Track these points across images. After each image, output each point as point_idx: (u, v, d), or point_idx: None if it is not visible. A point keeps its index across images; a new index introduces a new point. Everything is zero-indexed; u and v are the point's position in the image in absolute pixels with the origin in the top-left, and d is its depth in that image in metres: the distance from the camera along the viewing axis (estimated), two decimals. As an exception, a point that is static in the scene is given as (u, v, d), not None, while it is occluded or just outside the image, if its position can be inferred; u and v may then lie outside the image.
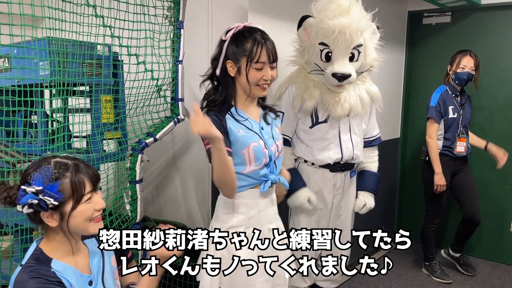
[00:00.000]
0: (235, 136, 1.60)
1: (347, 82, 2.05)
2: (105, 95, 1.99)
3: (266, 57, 1.59)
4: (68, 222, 1.18)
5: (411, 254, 3.80)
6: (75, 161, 1.22)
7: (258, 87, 1.62)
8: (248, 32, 1.61)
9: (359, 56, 2.07)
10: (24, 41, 1.65)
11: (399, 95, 3.88)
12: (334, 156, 2.17)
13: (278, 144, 1.72)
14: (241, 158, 1.61)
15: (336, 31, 1.95)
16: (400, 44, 3.79)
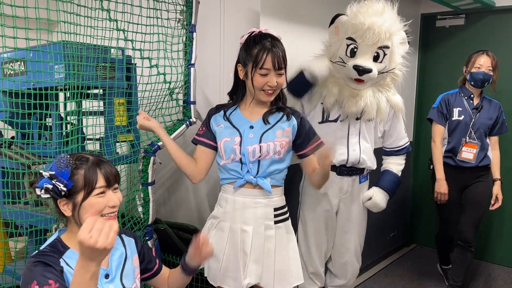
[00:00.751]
0: (214, 129, 1.80)
1: (367, 77, 2.02)
2: (118, 98, 2.01)
3: (271, 64, 1.64)
4: (79, 213, 1.22)
5: (425, 258, 3.77)
6: (98, 158, 1.27)
7: (263, 92, 1.69)
8: (259, 38, 1.67)
9: (384, 58, 2.06)
10: (39, 45, 1.68)
11: (411, 99, 3.85)
12: (339, 158, 2.15)
13: (264, 145, 1.70)
14: (218, 150, 1.78)
15: (366, 26, 1.96)
16: (413, 47, 3.74)
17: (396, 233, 3.86)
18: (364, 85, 2.08)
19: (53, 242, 1.24)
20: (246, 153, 1.70)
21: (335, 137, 2.16)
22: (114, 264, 1.32)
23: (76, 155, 1.26)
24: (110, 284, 1.28)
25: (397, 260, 3.77)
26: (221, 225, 1.78)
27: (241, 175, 1.73)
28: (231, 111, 1.79)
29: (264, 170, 1.73)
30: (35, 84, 1.76)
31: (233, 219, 1.76)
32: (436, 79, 3.80)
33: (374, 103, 2.11)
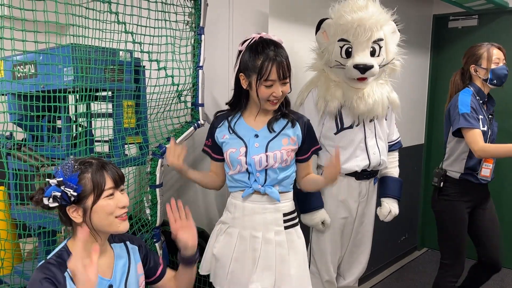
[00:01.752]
0: (220, 141, 1.77)
1: (370, 74, 2.00)
2: (127, 100, 2.01)
3: (276, 76, 1.60)
4: (90, 217, 1.22)
5: (437, 263, 3.71)
6: (102, 161, 1.27)
7: (268, 102, 1.67)
8: (262, 47, 1.61)
9: (380, 51, 2.03)
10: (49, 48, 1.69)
11: (423, 100, 3.81)
12: (361, 163, 2.12)
13: (271, 154, 1.67)
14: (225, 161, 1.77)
15: (355, 24, 1.94)
16: (425, 48, 3.72)
17: (407, 237, 3.82)
18: (367, 82, 2.06)
19: (60, 252, 1.24)
20: (252, 163, 1.68)
21: (354, 144, 2.12)
22: (118, 273, 1.31)
23: (79, 160, 1.26)
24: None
25: (408, 264, 3.72)
26: (230, 230, 1.77)
27: (248, 185, 1.71)
28: (235, 121, 1.75)
29: (272, 179, 1.71)
30: (45, 86, 1.78)
31: (242, 225, 1.74)
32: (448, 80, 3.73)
33: (380, 98, 2.09)
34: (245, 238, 1.73)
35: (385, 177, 2.33)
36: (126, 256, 1.36)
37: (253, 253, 1.72)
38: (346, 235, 2.23)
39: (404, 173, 3.60)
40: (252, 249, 1.72)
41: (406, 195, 3.71)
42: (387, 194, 2.30)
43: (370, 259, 2.43)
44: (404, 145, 3.52)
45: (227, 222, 1.79)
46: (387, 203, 2.27)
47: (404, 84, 3.47)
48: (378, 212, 2.30)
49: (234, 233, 1.75)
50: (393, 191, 2.29)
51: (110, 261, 1.31)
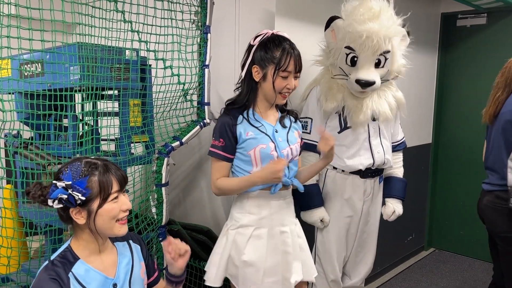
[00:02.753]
0: (243, 138, 1.69)
1: (371, 89, 2.02)
2: (133, 99, 2.01)
3: (293, 67, 1.65)
4: (94, 220, 1.21)
5: (444, 263, 3.69)
6: (105, 162, 1.26)
7: (280, 95, 1.69)
8: (278, 40, 1.66)
9: (385, 62, 2.03)
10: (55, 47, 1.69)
11: (430, 99, 3.78)
12: (365, 162, 2.12)
13: (293, 147, 1.75)
14: (248, 158, 1.70)
15: (364, 36, 1.91)
16: (433, 47, 3.69)
17: (413, 237, 3.79)
18: (368, 94, 2.07)
19: (64, 252, 1.24)
20: (283, 157, 1.69)
21: (358, 143, 2.12)
22: (122, 272, 1.31)
23: (84, 160, 1.24)
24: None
25: (415, 264, 3.70)
26: (257, 233, 1.72)
27: None
28: (253, 117, 1.72)
29: (293, 171, 1.76)
30: (51, 85, 1.78)
31: (271, 223, 1.73)
32: (457, 80, 3.71)
33: (386, 105, 2.08)
34: (274, 236, 1.73)
35: (389, 177, 2.32)
36: (130, 254, 1.35)
37: (284, 247, 1.74)
38: (352, 234, 2.22)
39: (411, 173, 3.59)
40: (282, 244, 1.74)
41: (413, 195, 3.69)
42: (391, 194, 2.30)
43: (376, 259, 2.42)
44: (411, 145, 3.51)
45: (250, 224, 1.73)
46: (391, 203, 2.27)
47: (412, 83, 3.44)
48: (382, 212, 2.30)
49: (263, 234, 1.72)
50: (397, 191, 2.29)
51: (114, 260, 1.31)
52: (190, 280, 2.38)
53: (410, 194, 3.63)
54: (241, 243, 1.72)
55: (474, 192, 3.64)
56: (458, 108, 3.73)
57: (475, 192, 3.62)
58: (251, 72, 1.70)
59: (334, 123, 2.12)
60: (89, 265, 1.24)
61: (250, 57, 1.69)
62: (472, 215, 3.65)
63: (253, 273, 1.71)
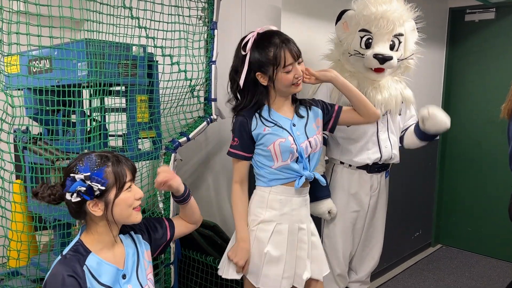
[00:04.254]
0: (262, 135, 1.68)
1: (388, 65, 2.01)
2: (140, 95, 2.03)
3: (291, 58, 1.62)
4: (112, 210, 1.24)
5: (451, 259, 3.68)
6: (115, 154, 1.29)
7: (293, 86, 1.67)
8: (266, 39, 1.63)
9: (399, 46, 2.06)
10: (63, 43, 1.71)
11: (438, 95, 3.76)
12: (373, 156, 2.12)
13: (312, 140, 1.73)
14: (268, 154, 1.69)
15: (379, 15, 1.95)
16: (440, 42, 3.66)
17: (421, 233, 3.78)
18: (384, 75, 2.07)
19: (75, 246, 1.26)
20: (302, 151, 1.69)
21: (366, 137, 2.12)
22: (130, 263, 1.33)
23: (94, 153, 1.27)
24: (128, 284, 1.30)
25: (422, 260, 3.69)
26: (279, 228, 1.72)
27: (300, 173, 1.71)
28: (267, 113, 1.72)
29: (313, 164, 1.76)
30: (59, 81, 1.80)
31: (291, 219, 1.73)
32: (465, 75, 3.69)
33: (394, 93, 2.09)
34: (293, 232, 1.74)
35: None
36: (134, 246, 1.38)
37: (300, 244, 1.75)
38: (358, 229, 2.23)
39: (419, 169, 3.59)
40: (300, 241, 1.74)
41: (421, 191, 3.69)
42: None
43: (383, 254, 2.42)
44: (419, 140, 3.50)
45: (272, 220, 1.72)
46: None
47: (419, 78, 3.42)
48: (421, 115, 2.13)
49: (284, 230, 1.72)
50: None
51: (122, 251, 1.33)
52: (197, 275, 2.40)
53: (417, 190, 3.63)
54: (264, 239, 1.71)
55: (482, 188, 3.64)
56: (466, 103, 3.70)
57: (483, 188, 3.62)
58: (256, 79, 1.67)
59: None
60: (100, 257, 1.26)
61: (246, 66, 1.65)
62: (480, 212, 3.65)
63: (274, 270, 1.70)
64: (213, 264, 2.28)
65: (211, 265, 2.30)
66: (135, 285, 1.32)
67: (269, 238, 1.70)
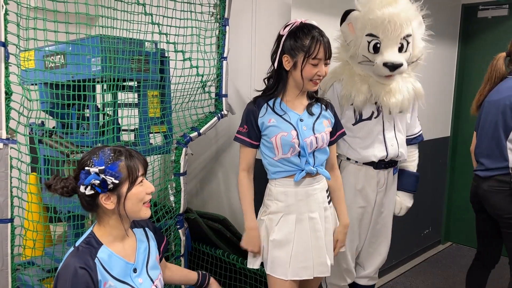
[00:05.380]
0: (266, 126, 1.72)
1: (398, 72, 2.01)
2: (152, 90, 2.06)
3: (322, 54, 1.66)
4: (124, 204, 1.26)
5: (461, 257, 3.67)
6: (127, 148, 1.32)
7: (311, 82, 1.70)
8: (307, 29, 1.67)
9: (408, 46, 2.03)
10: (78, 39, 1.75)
11: (450, 92, 3.74)
12: (379, 154, 2.13)
13: (319, 136, 1.75)
14: (270, 145, 1.73)
15: (386, 20, 1.92)
16: (453, 39, 3.64)
17: (430, 230, 3.78)
18: (394, 79, 2.06)
19: (88, 239, 1.29)
20: (305, 146, 1.72)
21: (372, 135, 2.12)
22: (141, 257, 1.36)
23: (108, 147, 1.29)
24: (139, 277, 1.33)
25: (431, 257, 3.69)
26: (285, 218, 1.76)
27: (300, 168, 1.74)
28: (277, 105, 1.75)
29: (319, 160, 1.78)
30: (74, 76, 1.84)
31: (299, 209, 1.76)
32: (477, 72, 3.66)
33: (407, 94, 2.09)
34: (303, 221, 1.76)
35: (401, 170, 2.33)
36: (146, 241, 1.40)
37: (314, 233, 1.77)
38: (364, 224, 2.24)
39: (429, 166, 3.58)
40: (313, 230, 1.77)
41: (430, 189, 3.68)
42: (400, 188, 2.32)
43: (391, 251, 2.43)
44: (429, 138, 3.49)
45: (279, 211, 1.77)
46: (400, 196, 2.31)
47: (430, 75, 3.42)
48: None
49: (291, 219, 1.76)
50: (407, 185, 2.31)
51: (133, 246, 1.36)
52: (206, 268, 2.44)
53: (427, 187, 3.63)
54: (270, 227, 1.77)
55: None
56: (478, 101, 3.68)
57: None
58: (281, 61, 1.71)
59: (349, 114, 2.13)
60: (111, 250, 1.29)
61: (280, 47, 1.70)
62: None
63: (280, 256, 1.75)
64: (222, 257, 2.31)
65: (220, 258, 2.33)
66: (145, 279, 1.34)
67: (275, 226, 1.76)
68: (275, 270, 1.76)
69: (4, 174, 1.50)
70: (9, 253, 1.55)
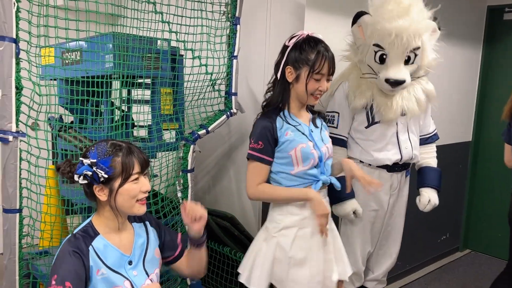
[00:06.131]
0: (284, 139, 1.65)
1: (401, 88, 2.00)
2: (164, 88, 2.10)
3: (326, 70, 1.63)
4: (115, 198, 1.29)
5: (479, 266, 3.57)
6: (129, 145, 1.33)
7: (312, 96, 1.67)
8: (313, 42, 1.64)
9: (415, 58, 2.00)
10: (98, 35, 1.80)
11: (472, 95, 3.64)
12: (393, 157, 2.10)
13: (328, 146, 1.75)
14: (288, 159, 1.66)
15: (393, 34, 1.88)
16: (477, 41, 3.54)
17: (448, 236, 3.69)
18: (398, 90, 2.03)
19: (85, 227, 1.32)
20: (322, 156, 1.70)
21: (386, 138, 2.09)
22: (137, 251, 1.38)
23: (110, 142, 1.32)
24: (134, 270, 1.35)
25: (447, 264, 3.60)
26: (301, 233, 1.69)
27: (317, 178, 1.71)
28: (289, 117, 1.70)
29: (329, 169, 1.76)
30: (89, 72, 1.89)
31: (313, 222, 1.69)
32: (502, 76, 3.55)
33: (414, 101, 2.05)
34: (317, 235, 1.71)
35: (423, 167, 2.28)
36: (145, 235, 1.43)
37: (325, 246, 1.73)
38: (377, 228, 2.21)
39: (448, 170, 3.49)
40: (324, 242, 1.72)
41: (449, 194, 3.59)
42: (426, 183, 2.24)
43: (406, 256, 2.39)
44: (449, 142, 3.41)
45: (293, 225, 1.69)
46: (426, 192, 2.22)
47: (453, 77, 3.34)
48: (417, 203, 2.24)
49: (307, 234, 1.69)
50: (432, 180, 2.23)
51: (131, 238, 1.38)
52: (214, 264, 2.46)
53: (445, 192, 3.53)
54: (285, 245, 1.68)
55: (514, 193, 3.50)
56: (501, 106, 3.55)
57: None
58: (284, 72, 1.68)
59: (361, 117, 2.11)
60: (108, 241, 1.32)
61: (284, 58, 1.66)
62: None
63: (301, 274, 1.68)
64: (229, 254, 2.33)
65: (228, 255, 2.35)
66: (140, 272, 1.36)
67: (291, 242, 1.68)
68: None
69: (13, 166, 1.56)
70: (17, 242, 1.61)
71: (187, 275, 1.60)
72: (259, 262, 1.71)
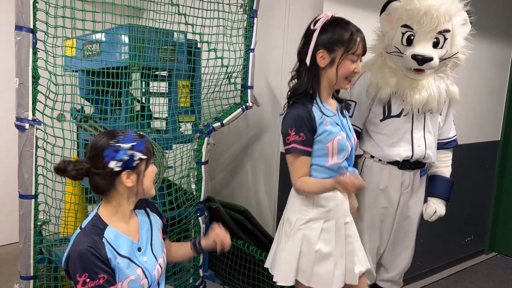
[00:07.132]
0: (322, 129, 1.57)
1: (428, 66, 1.91)
2: (182, 81, 2.12)
3: (361, 50, 1.57)
4: (143, 181, 1.34)
5: (506, 269, 3.45)
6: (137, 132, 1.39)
7: (346, 80, 1.60)
8: (344, 22, 1.57)
9: (444, 43, 1.93)
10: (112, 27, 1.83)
11: (502, 93, 3.50)
12: (403, 154, 2.04)
13: (354, 136, 1.71)
14: (324, 151, 1.59)
15: (422, 11, 1.83)
16: (509, 36, 3.40)
17: (472, 238, 3.58)
18: (425, 74, 1.96)
19: (93, 220, 1.34)
20: (353, 147, 1.66)
21: (399, 134, 2.04)
22: (144, 237, 1.41)
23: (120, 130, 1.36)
24: (144, 256, 1.38)
25: (471, 267, 3.49)
26: (326, 226, 1.65)
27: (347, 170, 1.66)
28: (322, 106, 1.61)
29: (352, 160, 1.71)
30: (107, 64, 1.93)
31: (337, 214, 1.67)
32: (534, 73, 3.41)
33: (436, 92, 1.98)
34: (340, 227, 1.68)
35: (434, 176, 2.23)
36: (148, 221, 1.46)
37: (348, 239, 1.70)
38: (387, 225, 2.16)
39: (474, 170, 3.39)
40: (347, 236, 1.70)
41: (475, 194, 3.49)
42: (434, 194, 2.21)
43: (426, 256, 2.32)
44: (476, 141, 3.31)
45: (320, 217, 1.65)
46: (433, 203, 2.19)
47: (482, 73, 3.23)
48: (423, 210, 2.21)
49: (331, 227, 1.66)
50: (440, 191, 2.20)
51: (136, 226, 1.41)
52: (227, 257, 2.48)
53: (470, 192, 3.44)
54: (312, 238, 1.63)
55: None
56: (533, 104, 3.43)
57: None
58: (315, 57, 1.58)
59: (378, 109, 2.06)
60: (117, 230, 1.34)
61: (313, 42, 1.55)
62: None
63: (325, 267, 1.65)
64: (242, 247, 2.34)
65: (241, 248, 2.36)
66: (150, 257, 1.40)
67: (319, 235, 1.64)
68: (319, 282, 1.64)
69: (29, 153, 1.60)
70: (32, 227, 1.66)
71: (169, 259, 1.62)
72: (286, 256, 1.67)
